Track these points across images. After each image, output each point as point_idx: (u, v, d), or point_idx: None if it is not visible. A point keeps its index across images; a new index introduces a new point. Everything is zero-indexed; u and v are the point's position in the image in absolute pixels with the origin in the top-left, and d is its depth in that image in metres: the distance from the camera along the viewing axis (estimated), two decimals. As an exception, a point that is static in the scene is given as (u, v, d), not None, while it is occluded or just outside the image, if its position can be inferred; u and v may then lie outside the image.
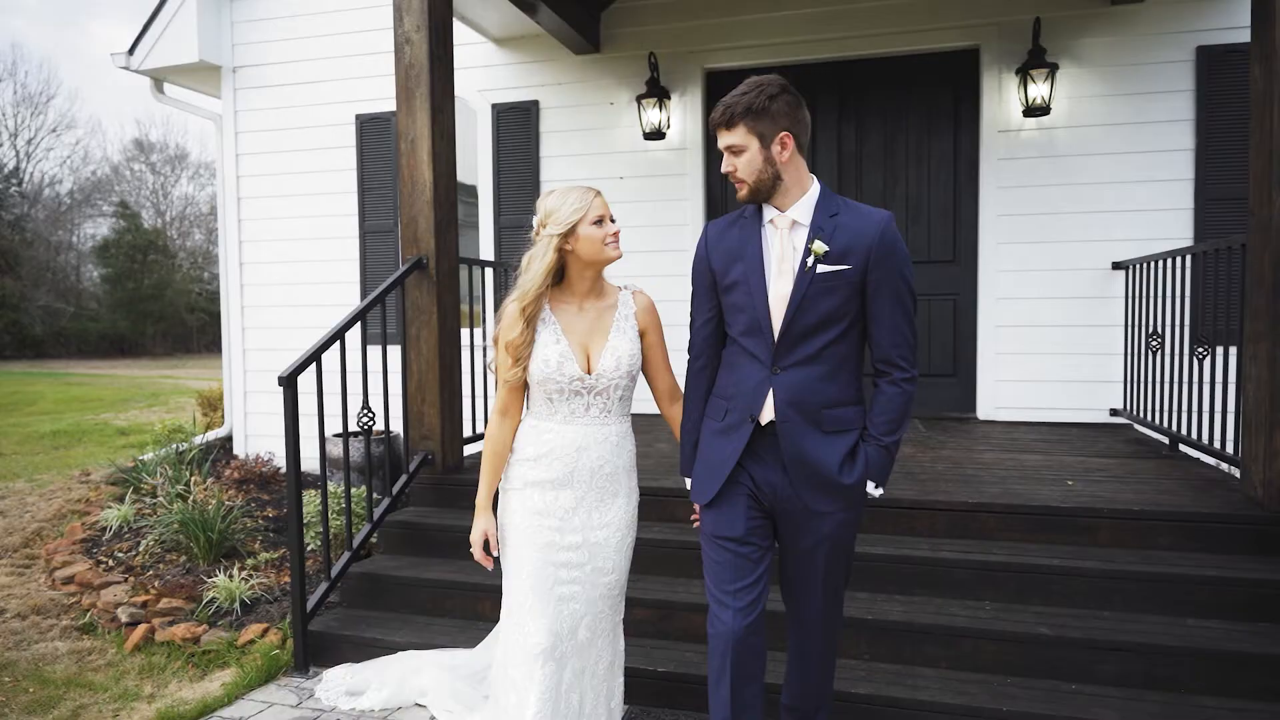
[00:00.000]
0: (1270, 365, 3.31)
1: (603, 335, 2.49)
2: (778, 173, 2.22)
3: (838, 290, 2.18)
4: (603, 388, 2.46)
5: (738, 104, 2.20)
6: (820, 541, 2.29)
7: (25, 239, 33.11)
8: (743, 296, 2.27)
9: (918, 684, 2.97)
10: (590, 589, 2.47)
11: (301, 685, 3.34)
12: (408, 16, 4.20)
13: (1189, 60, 5.44)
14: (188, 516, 4.53)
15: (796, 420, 2.22)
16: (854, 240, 2.17)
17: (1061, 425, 5.56)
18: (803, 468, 2.24)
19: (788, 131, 2.20)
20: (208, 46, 7.10)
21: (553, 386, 2.45)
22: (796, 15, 5.97)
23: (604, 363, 2.45)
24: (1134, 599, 3.16)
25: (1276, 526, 3.26)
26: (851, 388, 2.27)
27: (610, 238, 2.46)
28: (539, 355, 2.44)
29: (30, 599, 4.37)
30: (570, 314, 2.50)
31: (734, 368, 2.34)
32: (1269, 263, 3.29)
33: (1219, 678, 2.85)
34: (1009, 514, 3.51)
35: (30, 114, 36.34)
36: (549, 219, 2.44)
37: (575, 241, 2.43)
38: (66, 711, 3.17)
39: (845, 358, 2.26)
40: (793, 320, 2.20)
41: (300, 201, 7.18)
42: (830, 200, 2.25)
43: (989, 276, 5.82)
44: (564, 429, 2.48)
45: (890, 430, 2.24)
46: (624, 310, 2.55)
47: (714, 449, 2.35)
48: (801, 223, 2.23)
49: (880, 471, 2.27)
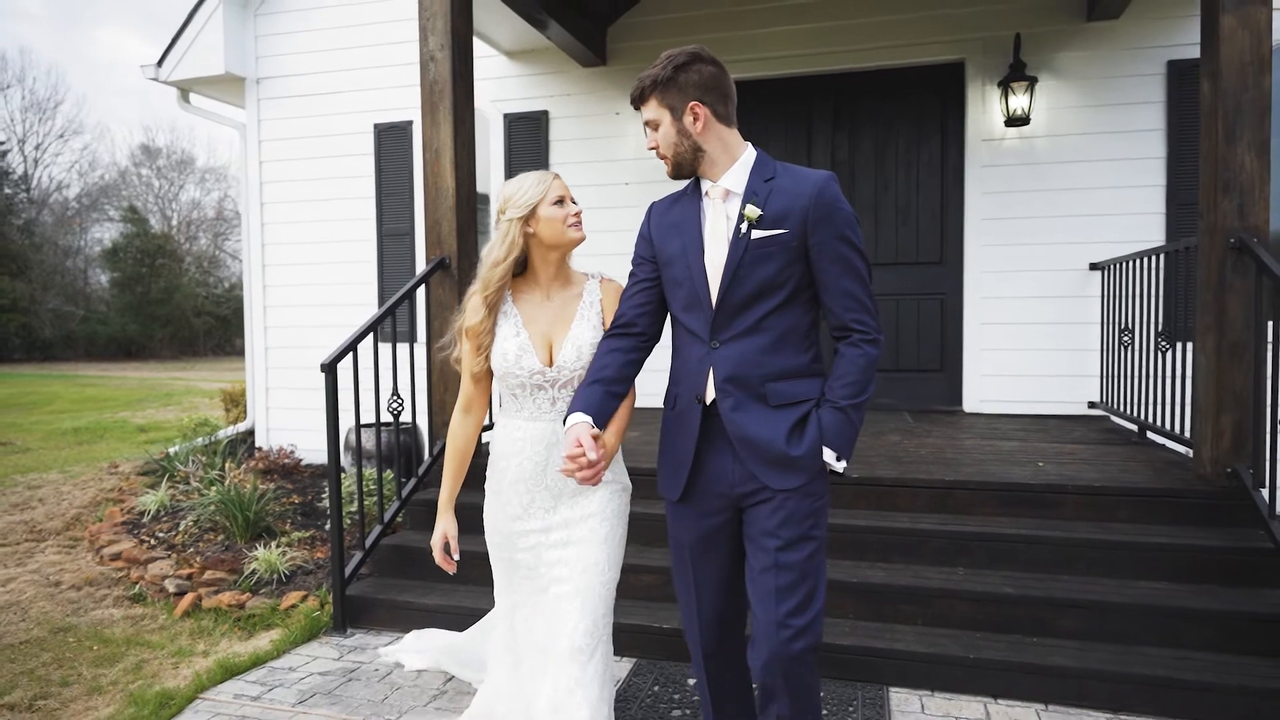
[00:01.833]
0: (1216, 356, 3.65)
1: (565, 325, 2.41)
2: (697, 144, 2.14)
3: (775, 256, 2.07)
4: (565, 380, 2.38)
5: (646, 77, 2.16)
6: (782, 521, 2.09)
7: (34, 243, 33.49)
8: (680, 270, 2.18)
9: (896, 637, 3.32)
10: (586, 589, 2.36)
11: (341, 643, 3.69)
12: (432, 37, 4.56)
13: (1160, 74, 5.79)
14: (226, 498, 4.88)
15: (737, 395, 2.11)
16: (790, 203, 2.06)
17: (1042, 417, 5.90)
18: (748, 446, 2.10)
19: (697, 101, 2.12)
20: (233, 59, 7.46)
21: (514, 381, 2.39)
22: (793, 31, 6.33)
23: (564, 354, 2.38)
24: (1092, 564, 3.50)
25: (1220, 500, 3.61)
26: (801, 359, 2.13)
27: (572, 218, 2.41)
28: (498, 349, 2.39)
29: (82, 573, 4.72)
30: (534, 305, 2.44)
31: (679, 350, 2.26)
32: (1214, 263, 3.64)
33: (1163, 630, 3.19)
34: (982, 490, 3.86)
35: (38, 119, 36.81)
36: (508, 204, 2.39)
37: (536, 224, 2.37)
38: (131, 664, 3.52)
39: (791, 327, 2.13)
40: (728, 289, 2.10)
41: (320, 206, 7.54)
42: (766, 165, 2.15)
43: (974, 277, 6.17)
44: (531, 425, 2.41)
45: (850, 394, 2.08)
46: (589, 298, 2.46)
47: (670, 439, 2.27)
48: (735, 191, 2.14)
49: (839, 438, 2.08)
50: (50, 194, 36.20)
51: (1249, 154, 3.55)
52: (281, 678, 3.32)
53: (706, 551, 2.26)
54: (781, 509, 2.09)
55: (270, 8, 7.57)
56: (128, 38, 67.37)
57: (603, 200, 6.71)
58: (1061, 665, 3.07)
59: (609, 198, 6.75)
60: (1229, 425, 3.65)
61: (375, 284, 7.39)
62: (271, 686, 3.24)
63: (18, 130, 35.99)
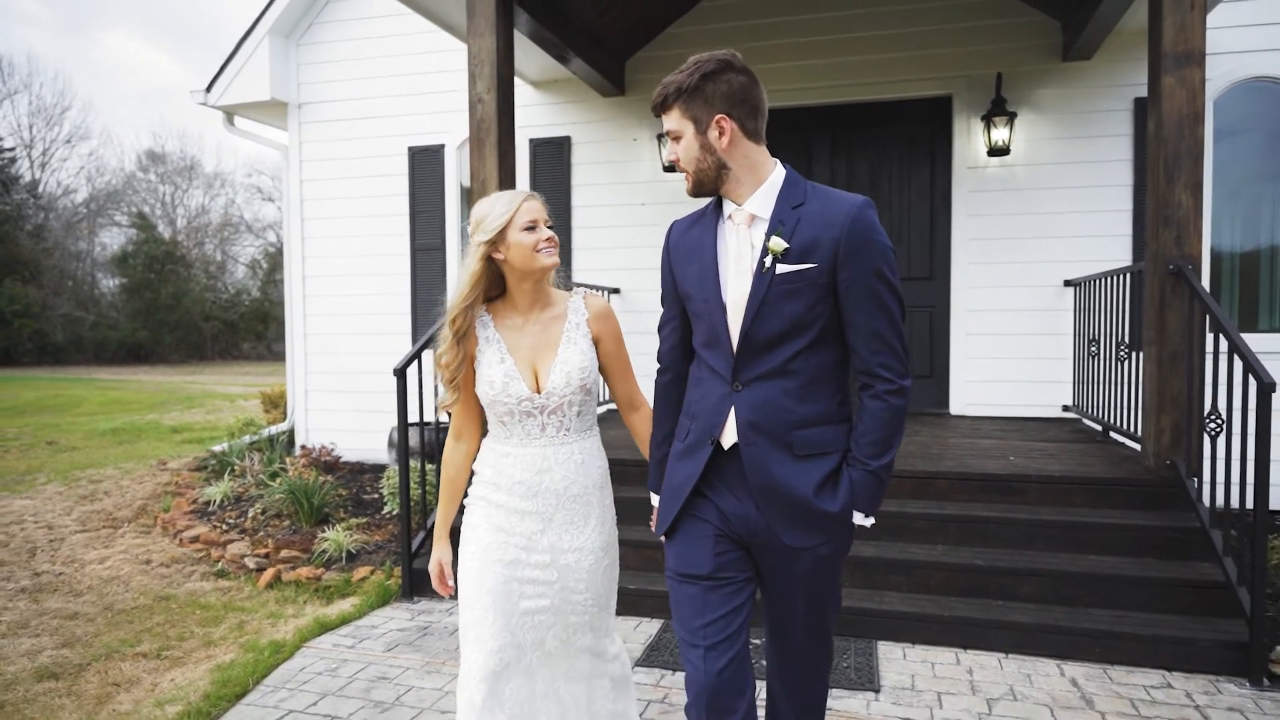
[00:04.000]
0: (1158, 364, 4.27)
1: (551, 349, 2.30)
2: (721, 161, 1.96)
3: (803, 293, 1.89)
4: (555, 406, 2.28)
5: (671, 84, 1.98)
6: (799, 582, 2.00)
7: (45, 248, 34.06)
8: (700, 303, 2.00)
9: (883, 601, 3.94)
10: (561, 604, 2.28)
11: (410, 607, 4.31)
12: (479, 81, 5.18)
13: (1128, 109, 6.42)
14: (294, 487, 5.49)
15: (761, 444, 1.94)
16: (820, 233, 1.88)
17: (1020, 419, 6.52)
18: (773, 497, 1.94)
19: (724, 114, 1.93)
20: (278, 85, 8.10)
21: (501, 409, 2.28)
22: (795, 66, 6.97)
23: (553, 380, 2.27)
24: (1050, 541, 4.12)
25: (1161, 488, 4.22)
26: (830, 404, 1.97)
27: (544, 243, 2.25)
28: (484, 376, 2.28)
29: (166, 553, 5.33)
30: (515, 329, 2.33)
31: (698, 383, 2.08)
32: (1156, 285, 4.26)
33: (1107, 594, 3.81)
34: (959, 479, 4.47)
35: (45, 125, 37.41)
36: (478, 227, 2.26)
37: (506, 249, 2.25)
38: (233, 624, 4.13)
39: (821, 370, 1.96)
40: (751, 329, 1.92)
41: (358, 223, 8.17)
42: (795, 188, 1.96)
43: (960, 292, 6.79)
44: (522, 451, 2.30)
45: (877, 452, 1.92)
46: (574, 319, 2.35)
47: (673, 473, 2.10)
48: (761, 216, 1.95)
49: (868, 499, 1.94)
50: (58, 199, 36.77)
51: (1185, 193, 4.17)
52: (367, 633, 3.94)
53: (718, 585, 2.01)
54: (802, 571, 1.99)
55: (312, 37, 8.21)
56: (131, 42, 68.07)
57: (620, 219, 7.37)
58: (1020, 621, 3.69)
59: (626, 217, 7.38)
60: (1168, 424, 4.27)
61: (408, 295, 8.01)
62: (361, 639, 3.86)
63: (25, 136, 36.65)
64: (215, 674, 3.49)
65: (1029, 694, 3.31)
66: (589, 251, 7.50)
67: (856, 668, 3.55)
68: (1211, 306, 3.85)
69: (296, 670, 3.53)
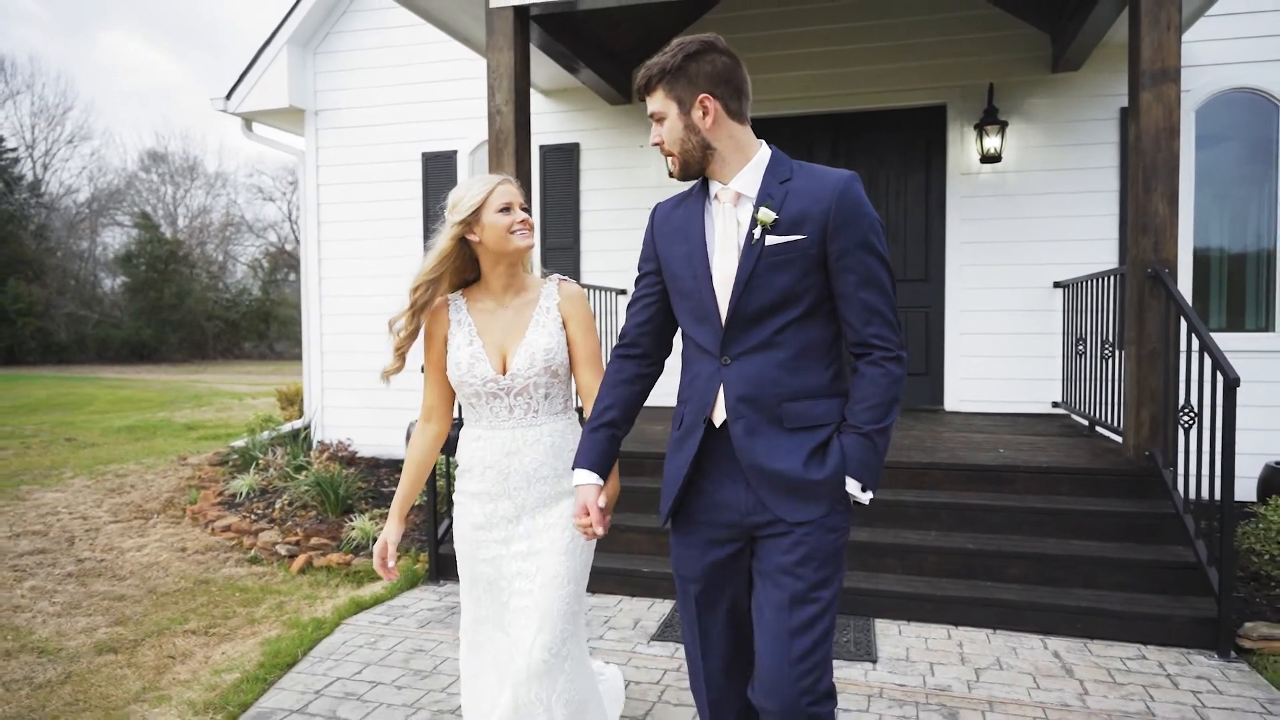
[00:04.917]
0: (1137, 362, 4.57)
1: (520, 332, 2.35)
2: (706, 141, 1.97)
3: (793, 264, 1.90)
4: (521, 387, 2.32)
5: (654, 65, 1.98)
6: (799, 555, 1.92)
7: (49, 248, 34.31)
8: (688, 281, 2.01)
9: (880, 582, 4.23)
10: (546, 603, 2.28)
11: (437, 589, 4.60)
12: (498, 93, 5.46)
13: (1114, 118, 6.71)
14: (321, 479, 5.77)
15: (750, 416, 1.94)
16: (809, 205, 1.90)
17: (1012, 415, 6.81)
18: (762, 473, 1.93)
19: (708, 94, 1.94)
20: (295, 93, 8.38)
21: (468, 390, 2.34)
22: (797, 76, 7.26)
23: (518, 361, 2.32)
24: (1036, 527, 4.41)
25: (1140, 477, 4.52)
26: (821, 378, 1.97)
27: (518, 225, 2.31)
28: (452, 358, 2.34)
29: (200, 541, 5.61)
30: (488, 313, 2.38)
31: (688, 365, 2.09)
32: (1136, 287, 4.56)
33: (1088, 575, 4.10)
34: (952, 470, 4.76)
35: (48, 125, 37.67)
36: (454, 207, 2.32)
37: (480, 230, 2.30)
38: (273, 605, 4.41)
39: (811, 343, 1.96)
40: (740, 301, 1.93)
41: (373, 226, 8.45)
42: (781, 165, 1.98)
43: (954, 293, 7.08)
44: (492, 434, 2.36)
45: (874, 417, 1.91)
46: (546, 302, 2.39)
47: (670, 461, 2.11)
48: (747, 195, 1.97)
49: (862, 466, 1.92)
50: (60, 199, 37.01)
51: (1162, 202, 4.46)
52: (399, 611, 4.23)
53: (715, 589, 2.07)
54: (801, 545, 1.92)
55: (329, 46, 8.49)
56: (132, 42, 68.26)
57: (627, 223, 7.65)
58: (1007, 599, 3.99)
59: (632, 220, 7.67)
60: (1147, 418, 4.56)
61: (422, 295, 8.26)
62: (395, 617, 4.15)
63: (27, 136, 36.90)
64: (264, 646, 3.77)
65: (1014, 664, 3.60)
66: (597, 254, 7.79)
67: (855, 641, 3.83)
68: (1184, 307, 4.14)
69: (339, 644, 3.82)
